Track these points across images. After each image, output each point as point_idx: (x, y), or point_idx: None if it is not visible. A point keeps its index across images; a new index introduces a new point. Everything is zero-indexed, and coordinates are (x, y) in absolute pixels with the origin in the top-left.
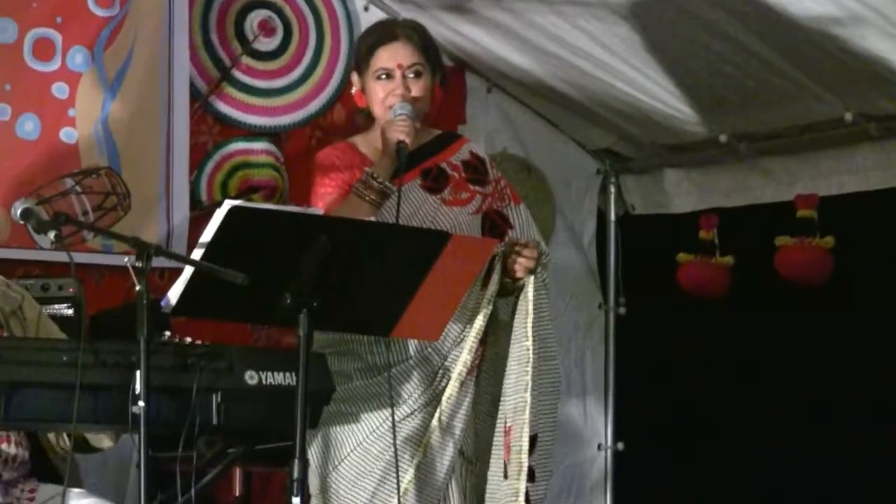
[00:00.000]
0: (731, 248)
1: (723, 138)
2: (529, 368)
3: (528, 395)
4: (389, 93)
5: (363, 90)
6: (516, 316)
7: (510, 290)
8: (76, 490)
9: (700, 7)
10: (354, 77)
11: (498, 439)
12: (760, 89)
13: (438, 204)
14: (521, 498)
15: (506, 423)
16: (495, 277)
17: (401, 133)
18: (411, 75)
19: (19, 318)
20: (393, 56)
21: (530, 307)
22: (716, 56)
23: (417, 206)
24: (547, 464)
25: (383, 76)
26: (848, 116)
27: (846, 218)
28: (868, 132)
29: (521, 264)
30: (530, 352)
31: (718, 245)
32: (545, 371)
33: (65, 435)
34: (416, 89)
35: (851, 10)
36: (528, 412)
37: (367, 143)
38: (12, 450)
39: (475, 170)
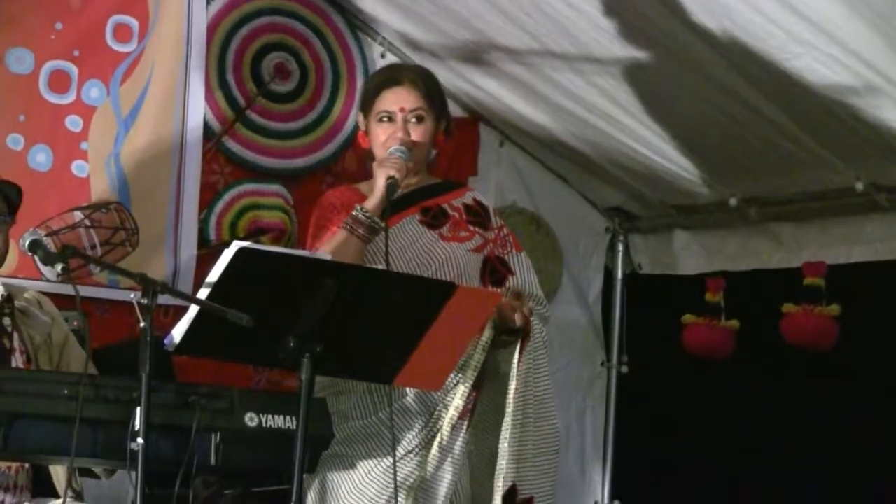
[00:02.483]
0: (737, 311)
1: (733, 202)
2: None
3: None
4: (390, 136)
5: (367, 131)
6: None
7: (508, 341)
8: None
9: (715, 69)
10: (360, 117)
11: None
12: (772, 154)
13: (436, 238)
14: None
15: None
16: (490, 323)
17: (392, 169)
18: (413, 120)
19: (48, 346)
20: (396, 99)
21: (512, 383)
22: (729, 119)
23: (413, 239)
24: None
25: (385, 118)
26: (859, 186)
27: (853, 286)
28: (878, 202)
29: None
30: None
31: (724, 308)
32: (544, 432)
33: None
34: (416, 134)
35: (867, 79)
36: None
37: (370, 187)
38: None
39: (476, 213)
